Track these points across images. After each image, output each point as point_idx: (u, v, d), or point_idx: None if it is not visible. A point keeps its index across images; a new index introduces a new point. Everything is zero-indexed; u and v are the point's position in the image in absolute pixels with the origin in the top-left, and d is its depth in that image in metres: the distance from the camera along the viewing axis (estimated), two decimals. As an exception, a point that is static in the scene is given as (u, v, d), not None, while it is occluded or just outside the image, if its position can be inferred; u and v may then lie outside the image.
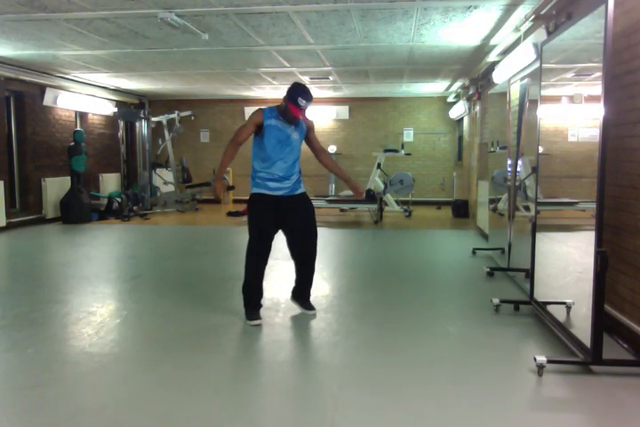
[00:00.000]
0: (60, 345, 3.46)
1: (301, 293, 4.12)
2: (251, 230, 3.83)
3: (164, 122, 11.37)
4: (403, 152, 11.09)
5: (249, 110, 12.77)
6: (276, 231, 3.90)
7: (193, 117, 11.57)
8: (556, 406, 2.67)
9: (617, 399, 2.68)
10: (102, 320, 3.91)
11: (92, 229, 8.94)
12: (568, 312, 3.59)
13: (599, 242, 2.86)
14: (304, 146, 4.00)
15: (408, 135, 12.67)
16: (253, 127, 3.78)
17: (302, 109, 3.70)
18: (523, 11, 5.23)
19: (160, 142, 11.51)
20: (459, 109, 10.71)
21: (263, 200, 3.82)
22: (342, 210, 10.82)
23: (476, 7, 5.19)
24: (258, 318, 3.83)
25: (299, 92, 3.69)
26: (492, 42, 6.65)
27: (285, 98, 3.72)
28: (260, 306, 3.95)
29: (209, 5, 5.11)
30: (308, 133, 3.97)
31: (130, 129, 12.46)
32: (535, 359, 2.91)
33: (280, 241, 4.01)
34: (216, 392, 2.76)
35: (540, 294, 3.98)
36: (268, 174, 3.81)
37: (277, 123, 3.79)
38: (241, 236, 3.91)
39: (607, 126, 2.86)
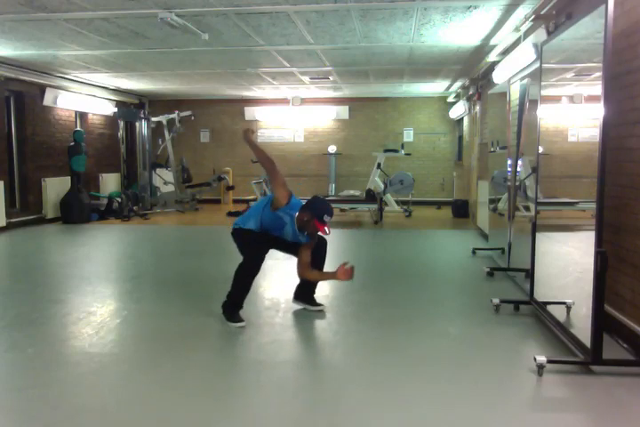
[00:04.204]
0: (60, 345, 3.46)
1: (307, 293, 4.16)
2: (247, 250, 3.83)
3: (164, 122, 11.37)
4: (403, 152, 11.09)
5: (249, 110, 12.80)
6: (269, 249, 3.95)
7: (193, 117, 11.56)
8: (556, 406, 2.67)
9: (617, 399, 2.68)
10: (102, 320, 3.91)
11: (91, 229, 8.94)
12: (568, 312, 3.60)
13: (599, 242, 2.86)
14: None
15: (408, 135, 12.67)
16: (284, 190, 3.77)
17: (326, 224, 3.73)
18: (523, 11, 5.23)
19: (160, 142, 11.50)
20: (459, 109, 10.70)
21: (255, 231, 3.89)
22: (342, 210, 10.82)
23: (475, 7, 5.19)
24: (241, 319, 3.81)
25: (324, 211, 3.71)
26: (492, 42, 6.65)
27: (309, 214, 3.69)
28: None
29: (209, 5, 5.11)
30: (309, 242, 3.92)
31: (130, 129, 12.45)
32: (535, 359, 2.91)
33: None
34: (216, 392, 2.76)
35: (540, 294, 3.98)
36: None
37: (287, 220, 3.79)
38: (241, 236, 3.90)
39: (607, 126, 2.86)
